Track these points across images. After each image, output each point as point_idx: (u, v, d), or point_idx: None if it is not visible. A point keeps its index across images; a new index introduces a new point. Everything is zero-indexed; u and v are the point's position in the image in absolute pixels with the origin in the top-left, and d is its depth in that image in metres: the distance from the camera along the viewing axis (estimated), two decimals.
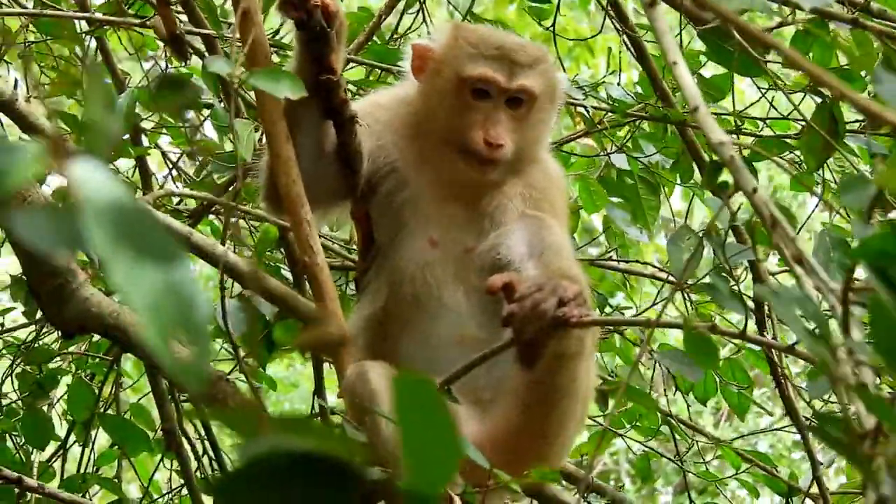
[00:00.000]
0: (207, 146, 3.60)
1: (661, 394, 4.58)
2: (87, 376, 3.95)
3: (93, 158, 0.98)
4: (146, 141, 3.87)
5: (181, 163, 4.06)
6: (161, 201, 3.56)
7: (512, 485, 2.14)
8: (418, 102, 2.62)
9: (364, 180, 2.60)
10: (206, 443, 3.90)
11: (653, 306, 4.01)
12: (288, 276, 3.51)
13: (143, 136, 3.80)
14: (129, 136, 3.63)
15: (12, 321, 4.18)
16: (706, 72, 3.53)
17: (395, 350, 2.54)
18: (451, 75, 2.55)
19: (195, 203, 3.71)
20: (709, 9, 1.64)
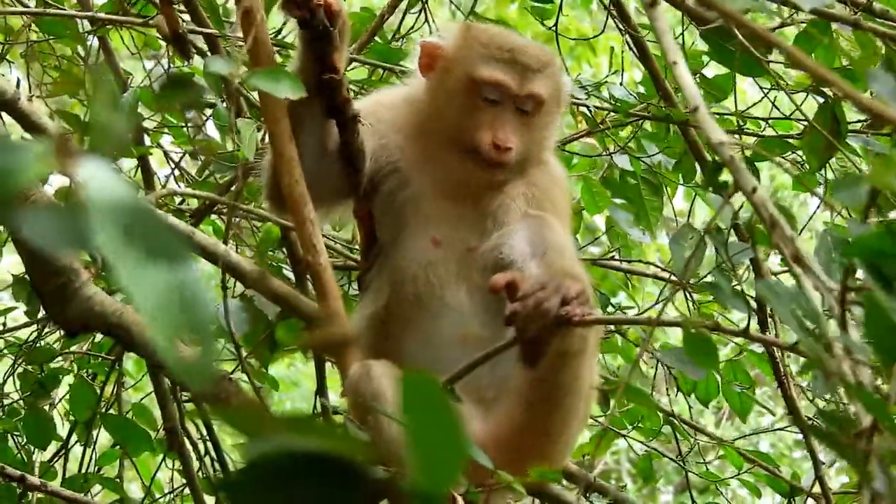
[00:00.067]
0: (210, 146, 3.60)
1: (664, 393, 4.57)
2: (88, 376, 3.94)
3: (98, 158, 0.98)
4: (148, 140, 3.87)
5: (183, 162, 4.05)
6: (163, 201, 3.56)
7: (515, 484, 2.14)
8: (425, 101, 2.61)
9: (366, 179, 2.59)
10: (209, 443, 3.89)
11: (654, 306, 4.01)
12: (289, 276, 3.51)
13: (145, 136, 3.80)
14: (131, 136, 3.62)
15: (13, 320, 4.17)
16: (708, 71, 3.53)
17: (397, 349, 2.54)
18: (461, 75, 2.55)
19: (197, 202, 3.71)
20: (713, 8, 1.64)
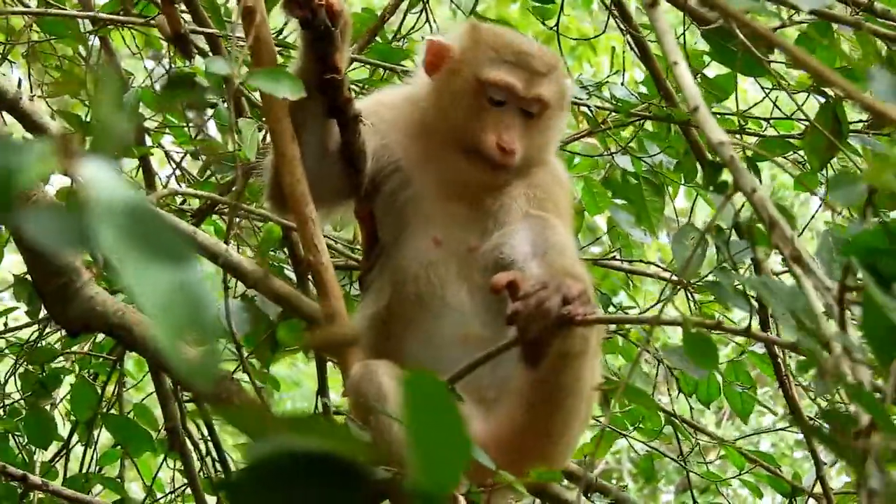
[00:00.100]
0: (212, 146, 3.60)
1: (665, 393, 4.57)
2: (90, 376, 3.94)
3: (101, 158, 0.98)
4: (149, 140, 3.87)
5: (184, 162, 4.05)
6: (164, 201, 3.56)
7: (516, 485, 2.13)
8: (429, 100, 2.61)
9: (368, 179, 2.59)
10: (210, 443, 3.89)
11: (655, 306, 4.00)
12: (291, 276, 3.51)
13: (146, 136, 3.79)
14: (132, 136, 3.62)
15: (14, 320, 4.17)
16: (710, 71, 3.53)
17: (398, 349, 2.53)
18: (468, 76, 2.54)
19: (199, 202, 3.71)
20: (715, 8, 1.64)
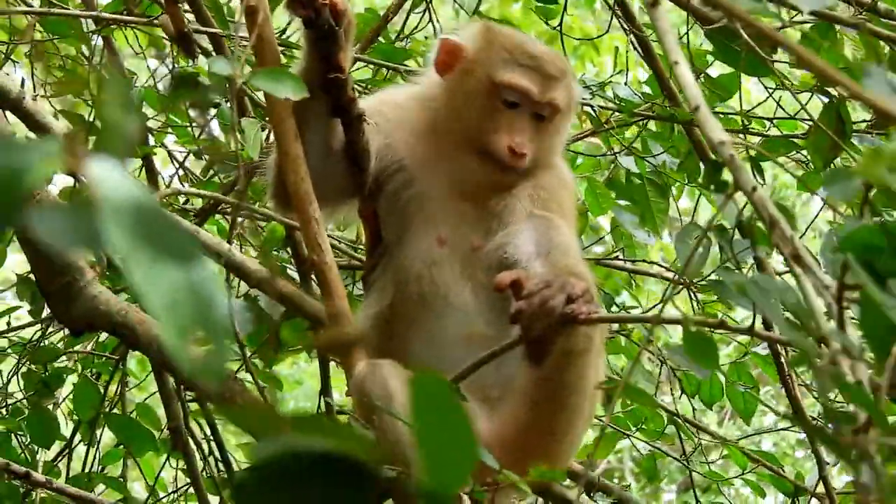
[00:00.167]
0: (215, 145, 3.60)
1: (668, 392, 4.57)
2: (92, 375, 3.94)
3: (109, 157, 0.98)
4: (152, 140, 3.87)
5: (187, 162, 4.05)
6: (168, 200, 3.56)
7: (520, 484, 2.13)
8: (440, 100, 2.61)
9: (371, 178, 2.59)
10: (213, 443, 3.89)
11: (656, 305, 4.00)
12: (293, 276, 3.51)
13: (149, 136, 3.79)
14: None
15: (17, 320, 4.17)
16: (713, 71, 3.52)
17: (402, 348, 2.53)
18: (482, 77, 2.54)
19: (202, 202, 3.71)
20: (718, 7, 1.64)
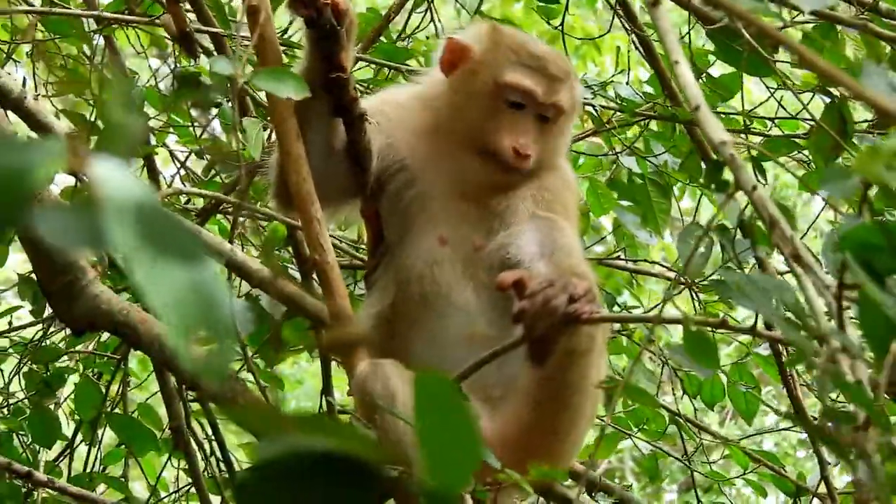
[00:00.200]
0: (216, 145, 3.60)
1: (669, 392, 4.57)
2: (94, 375, 3.94)
3: (112, 157, 0.98)
4: (153, 140, 3.87)
5: (189, 162, 4.05)
6: (169, 200, 3.56)
7: (522, 483, 2.13)
8: (444, 99, 2.60)
9: (373, 178, 2.59)
10: (214, 442, 3.89)
11: (658, 305, 3.99)
12: (295, 275, 3.51)
13: (150, 135, 3.79)
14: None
15: (18, 319, 4.17)
16: (714, 71, 3.52)
17: (403, 348, 2.53)
18: (487, 78, 2.54)
19: (203, 202, 3.71)
20: (720, 7, 1.64)
